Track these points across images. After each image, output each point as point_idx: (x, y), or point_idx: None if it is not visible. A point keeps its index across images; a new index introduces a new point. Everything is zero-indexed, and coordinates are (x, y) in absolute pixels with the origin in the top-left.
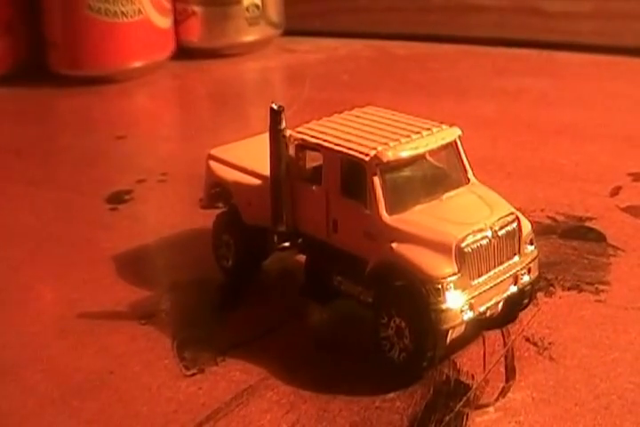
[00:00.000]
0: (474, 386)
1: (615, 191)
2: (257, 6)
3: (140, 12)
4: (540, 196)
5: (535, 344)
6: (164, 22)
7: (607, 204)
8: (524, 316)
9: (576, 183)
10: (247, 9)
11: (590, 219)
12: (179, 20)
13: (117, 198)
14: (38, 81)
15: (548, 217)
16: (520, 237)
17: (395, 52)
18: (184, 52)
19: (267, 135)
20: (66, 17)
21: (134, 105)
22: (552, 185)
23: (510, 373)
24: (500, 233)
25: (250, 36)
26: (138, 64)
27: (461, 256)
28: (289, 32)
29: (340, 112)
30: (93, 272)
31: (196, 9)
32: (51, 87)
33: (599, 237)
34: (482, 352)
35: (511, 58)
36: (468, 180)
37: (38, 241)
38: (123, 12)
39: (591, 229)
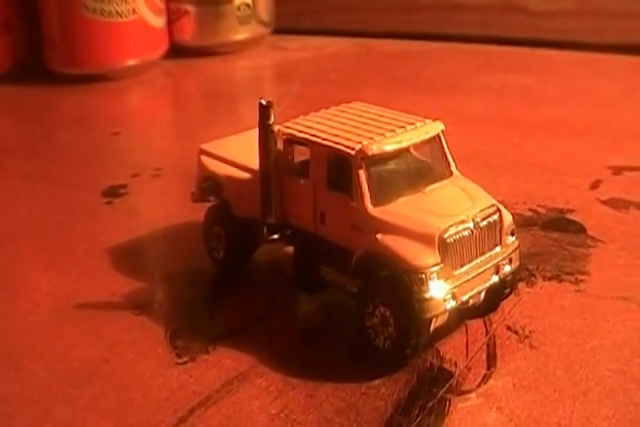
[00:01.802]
0: (456, 373)
1: (595, 184)
2: (248, 5)
3: (134, 11)
4: (522, 189)
5: (516, 333)
6: (158, 22)
7: (587, 196)
8: (506, 305)
9: (557, 177)
10: (238, 8)
11: (571, 211)
12: (172, 19)
13: (113, 192)
14: (36, 79)
15: (530, 209)
16: (501, 229)
17: (382, 49)
18: (177, 51)
19: (256, 130)
20: (62, 16)
21: (129, 102)
22: (534, 178)
23: (492, 360)
24: (481, 224)
25: (241, 35)
26: (132, 62)
27: (444, 247)
28: (279, 30)
29: (328, 108)
30: (89, 264)
31: (189, 8)
32: (48, 85)
33: (579, 229)
34: (464, 340)
35: (495, 55)
36: (452, 173)
37: (35, 234)
38: (118, 12)
39: (571, 221)
